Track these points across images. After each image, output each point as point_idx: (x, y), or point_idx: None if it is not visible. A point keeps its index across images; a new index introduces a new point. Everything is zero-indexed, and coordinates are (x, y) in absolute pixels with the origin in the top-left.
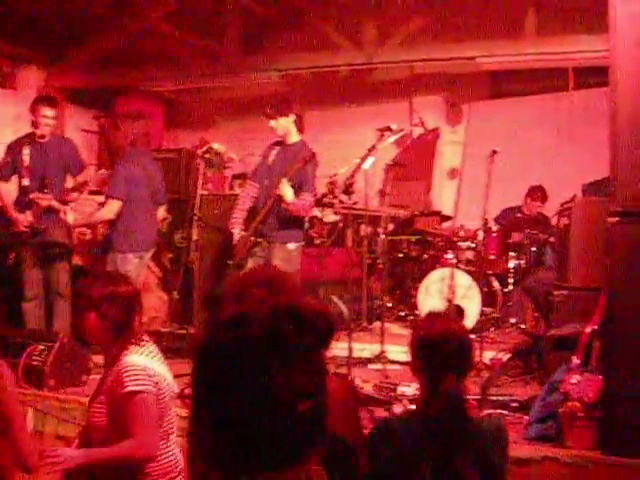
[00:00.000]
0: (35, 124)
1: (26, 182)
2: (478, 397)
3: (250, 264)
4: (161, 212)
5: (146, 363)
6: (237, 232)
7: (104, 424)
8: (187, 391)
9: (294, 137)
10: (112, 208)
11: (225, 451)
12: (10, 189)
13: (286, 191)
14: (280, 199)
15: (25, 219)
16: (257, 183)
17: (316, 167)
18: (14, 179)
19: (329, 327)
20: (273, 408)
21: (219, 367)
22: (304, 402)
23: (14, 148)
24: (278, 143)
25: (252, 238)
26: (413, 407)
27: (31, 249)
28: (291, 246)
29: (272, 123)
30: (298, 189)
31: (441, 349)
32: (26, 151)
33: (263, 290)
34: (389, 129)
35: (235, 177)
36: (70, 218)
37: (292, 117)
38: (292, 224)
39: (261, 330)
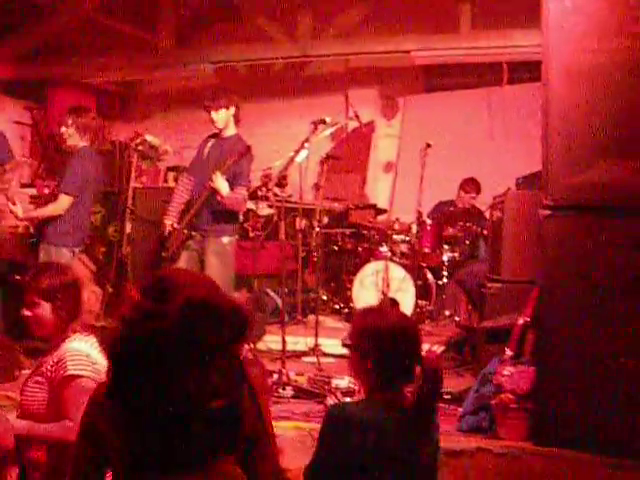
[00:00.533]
0: None
1: None
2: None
3: (184, 257)
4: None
5: (89, 351)
6: (169, 223)
7: (36, 405)
8: None
9: (230, 130)
10: (63, 204)
11: (139, 449)
12: None
13: (220, 184)
14: (214, 192)
15: None
16: (192, 176)
17: (251, 161)
18: None
19: (244, 322)
20: (185, 405)
21: (131, 362)
22: (217, 401)
23: None
24: (213, 136)
25: (185, 231)
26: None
27: None
28: (225, 240)
29: (213, 115)
30: (233, 183)
31: (405, 337)
32: None
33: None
34: (323, 122)
35: (170, 170)
36: (19, 211)
37: (232, 109)
38: (226, 218)
39: (173, 324)
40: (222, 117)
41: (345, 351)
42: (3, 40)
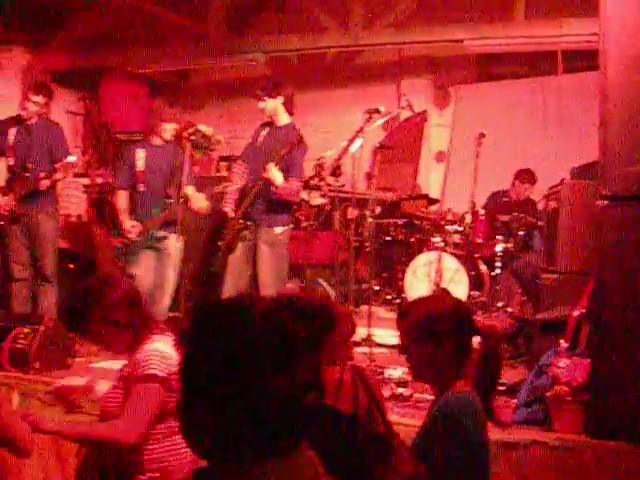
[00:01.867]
0: (23, 107)
1: (11, 162)
2: None
3: (240, 247)
4: None
5: (166, 351)
6: (229, 210)
7: (116, 409)
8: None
9: (283, 119)
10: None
11: (226, 439)
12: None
13: (275, 175)
14: (268, 183)
15: (7, 203)
16: (246, 163)
17: (305, 152)
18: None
19: (332, 317)
20: (276, 398)
21: (220, 355)
22: (309, 395)
23: (1, 128)
24: (268, 124)
25: (241, 221)
26: (401, 390)
27: (19, 231)
28: (278, 230)
29: (261, 104)
30: (286, 173)
31: (468, 312)
32: (12, 130)
33: None
34: (377, 111)
35: (222, 159)
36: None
37: (280, 99)
38: (280, 208)
39: (263, 320)
40: (270, 106)
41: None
42: (57, 31)
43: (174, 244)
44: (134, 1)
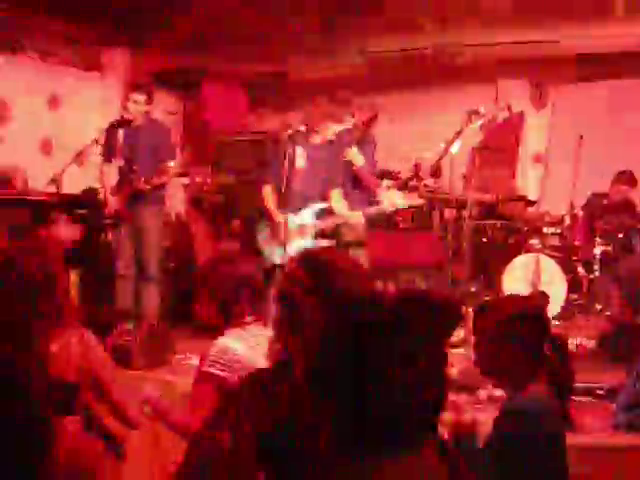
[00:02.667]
0: (124, 107)
1: (120, 163)
2: None
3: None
4: None
5: (233, 348)
6: None
7: None
8: None
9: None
10: None
11: (353, 435)
12: (111, 171)
13: (355, 156)
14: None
15: (115, 203)
16: None
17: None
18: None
19: (457, 315)
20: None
21: (340, 353)
22: (431, 390)
23: (110, 130)
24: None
25: None
26: (498, 393)
27: (125, 229)
28: None
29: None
30: None
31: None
32: (121, 132)
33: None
34: (477, 113)
35: None
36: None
37: None
38: None
39: (391, 315)
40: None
41: None
42: (156, 32)
43: None
44: (234, 2)
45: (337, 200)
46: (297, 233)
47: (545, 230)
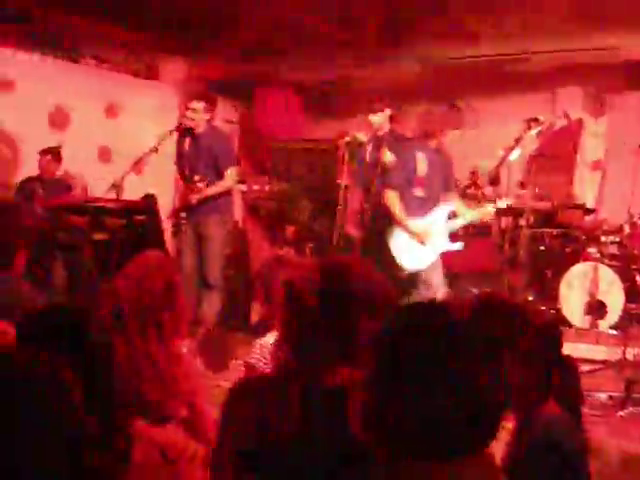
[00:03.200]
0: (182, 115)
1: (187, 172)
2: (622, 395)
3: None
4: None
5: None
6: None
7: None
8: None
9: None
10: None
11: (416, 437)
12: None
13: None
14: None
15: (174, 211)
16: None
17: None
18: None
19: (526, 319)
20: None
21: (412, 357)
22: (493, 395)
23: (180, 139)
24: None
25: None
26: None
27: (187, 236)
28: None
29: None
30: None
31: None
32: (187, 141)
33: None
34: (536, 121)
35: None
36: None
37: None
38: None
39: (468, 318)
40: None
41: None
42: (213, 42)
43: None
44: (288, 11)
45: (456, 201)
46: (430, 237)
47: (603, 239)
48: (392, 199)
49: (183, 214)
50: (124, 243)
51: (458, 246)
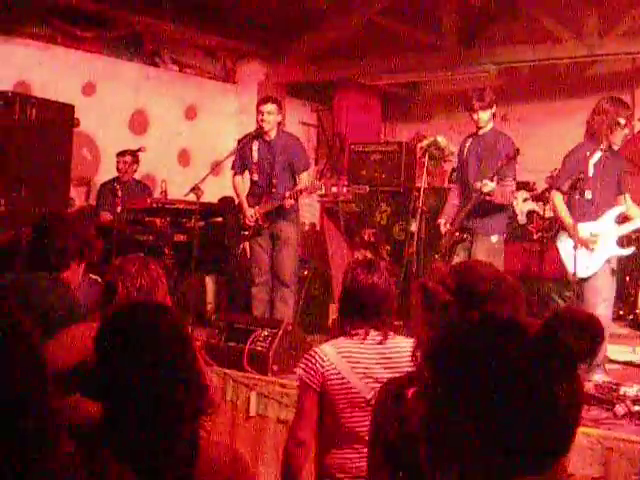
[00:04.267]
0: (257, 120)
1: (255, 177)
2: None
3: (456, 259)
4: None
5: (327, 354)
6: (442, 222)
7: None
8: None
9: (489, 127)
10: None
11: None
12: (245, 182)
13: (489, 188)
14: (485, 196)
15: (253, 214)
16: (458, 181)
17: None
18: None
19: (599, 332)
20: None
21: (477, 373)
22: (570, 411)
23: (243, 143)
24: (471, 136)
25: (457, 233)
26: (637, 408)
27: (261, 237)
28: (494, 238)
29: (475, 117)
30: (500, 177)
31: None
32: (255, 147)
33: None
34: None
35: (453, 170)
36: None
37: (493, 109)
38: (495, 214)
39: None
40: (487, 116)
41: (633, 358)
42: (292, 45)
43: None
44: (367, 14)
45: (629, 205)
46: (599, 241)
47: None
48: (558, 202)
49: (261, 220)
50: (203, 245)
51: (628, 251)
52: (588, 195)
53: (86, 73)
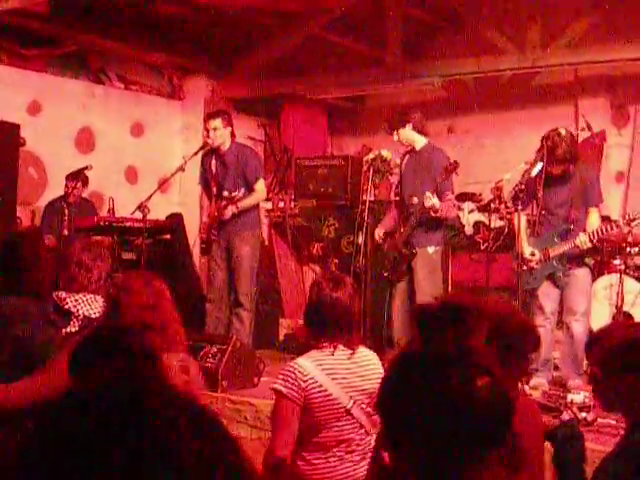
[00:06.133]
0: (204, 136)
1: (215, 190)
2: None
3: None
4: None
5: (306, 368)
6: (377, 231)
7: None
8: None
9: (420, 142)
10: None
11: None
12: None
13: (434, 202)
14: (429, 210)
15: (207, 228)
16: (397, 195)
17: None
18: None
19: (536, 334)
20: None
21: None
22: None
23: (204, 158)
24: (408, 152)
25: (403, 250)
26: (583, 415)
27: (216, 254)
28: (430, 249)
29: (395, 138)
30: (440, 192)
31: None
32: (213, 161)
33: None
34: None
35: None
36: None
37: (409, 126)
38: (432, 227)
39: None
40: (402, 136)
41: None
42: (237, 60)
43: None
44: (311, 29)
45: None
46: (535, 259)
47: (628, 250)
48: (516, 217)
49: (214, 231)
50: (151, 262)
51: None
52: (543, 211)
53: (31, 92)
